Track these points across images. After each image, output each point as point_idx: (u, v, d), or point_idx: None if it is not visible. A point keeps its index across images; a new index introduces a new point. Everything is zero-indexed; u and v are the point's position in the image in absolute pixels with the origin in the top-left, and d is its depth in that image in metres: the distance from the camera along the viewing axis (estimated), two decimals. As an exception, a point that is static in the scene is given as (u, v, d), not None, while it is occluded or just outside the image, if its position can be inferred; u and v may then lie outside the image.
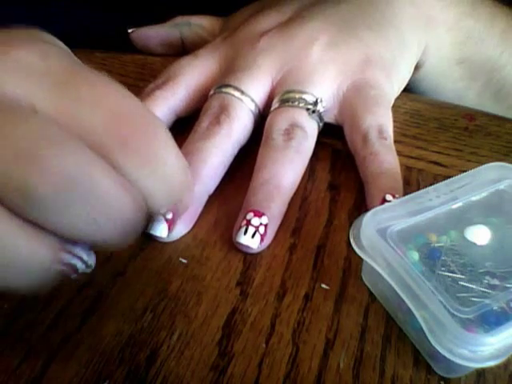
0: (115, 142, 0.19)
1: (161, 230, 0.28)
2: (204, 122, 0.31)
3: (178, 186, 0.22)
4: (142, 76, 0.36)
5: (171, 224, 0.28)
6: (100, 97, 0.20)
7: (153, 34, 0.44)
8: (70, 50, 0.24)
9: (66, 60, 0.21)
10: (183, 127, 0.35)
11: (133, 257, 0.28)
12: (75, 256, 0.21)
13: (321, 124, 0.33)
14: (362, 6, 0.36)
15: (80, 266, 0.21)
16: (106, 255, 0.28)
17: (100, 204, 0.19)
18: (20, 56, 0.20)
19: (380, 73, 0.34)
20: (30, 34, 0.22)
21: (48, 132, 0.18)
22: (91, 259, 0.22)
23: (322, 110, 0.33)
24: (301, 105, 0.32)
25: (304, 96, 0.32)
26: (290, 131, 0.31)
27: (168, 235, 0.28)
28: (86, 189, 0.18)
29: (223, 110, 0.32)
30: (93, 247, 0.22)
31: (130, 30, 0.44)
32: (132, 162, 0.20)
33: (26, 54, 0.20)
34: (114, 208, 0.20)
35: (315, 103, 0.32)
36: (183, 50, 0.44)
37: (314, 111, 0.32)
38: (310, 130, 0.32)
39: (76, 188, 0.18)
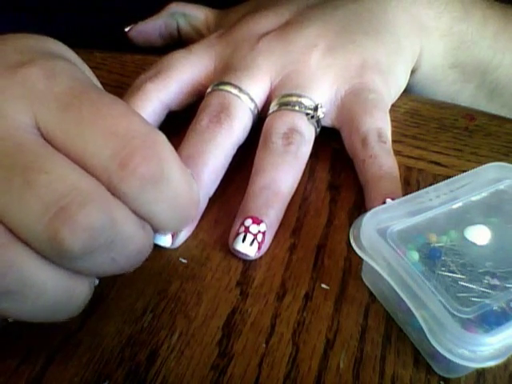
0: (117, 167, 0.19)
1: (165, 240, 0.28)
2: (204, 119, 0.31)
3: (186, 204, 0.22)
4: (141, 76, 0.36)
5: (175, 233, 0.28)
6: (100, 118, 0.20)
7: (151, 28, 0.43)
8: (78, 58, 0.24)
9: (71, 79, 0.21)
10: (180, 124, 0.35)
11: (133, 257, 0.28)
12: None
13: (318, 129, 0.33)
14: (358, 13, 0.36)
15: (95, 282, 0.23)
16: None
17: (121, 248, 0.20)
18: (26, 76, 0.20)
19: (377, 77, 0.34)
20: (41, 49, 0.23)
21: (72, 181, 0.19)
22: None
23: (321, 116, 0.33)
24: (300, 109, 0.32)
25: (303, 100, 0.32)
26: (289, 135, 0.31)
27: (172, 243, 0.28)
28: (111, 238, 0.20)
29: (223, 109, 0.31)
30: None
31: (126, 29, 0.43)
32: (136, 187, 0.20)
33: (32, 74, 0.20)
34: (133, 248, 0.21)
35: (315, 109, 0.32)
36: (180, 40, 0.44)
37: (312, 116, 0.32)
38: (308, 135, 0.32)
39: (102, 239, 0.19)
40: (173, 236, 0.28)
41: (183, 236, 0.29)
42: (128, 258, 0.21)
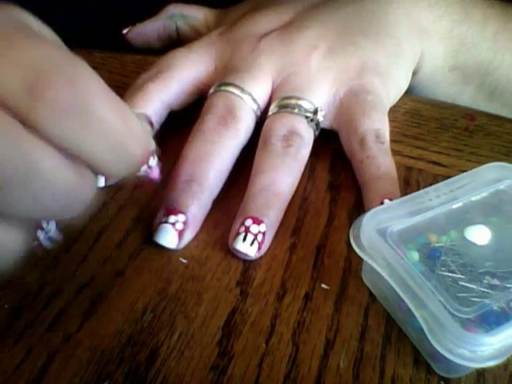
0: (28, 97, 0.18)
1: (170, 241, 0.28)
2: (209, 121, 0.31)
3: (127, 143, 0.20)
4: (142, 76, 0.36)
5: (181, 234, 0.28)
6: (14, 52, 0.18)
7: (150, 30, 0.43)
8: (40, 25, 0.23)
9: (4, 26, 0.19)
10: (180, 124, 0.35)
11: (133, 257, 0.28)
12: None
13: (317, 132, 0.33)
14: (358, 14, 0.36)
15: (43, 235, 0.21)
16: (106, 255, 0.28)
17: (42, 186, 0.19)
18: None
19: (376, 79, 0.34)
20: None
21: None
22: (52, 227, 0.22)
23: (321, 119, 0.33)
24: (299, 111, 0.32)
25: (302, 103, 0.32)
26: (289, 138, 0.31)
27: (177, 245, 0.28)
28: (24, 172, 0.18)
29: (229, 111, 0.31)
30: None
31: (124, 31, 0.43)
32: (51, 118, 0.18)
33: None
34: (60, 188, 0.19)
35: (315, 112, 0.32)
36: (179, 41, 0.44)
37: (312, 120, 0.32)
38: (308, 137, 0.32)
39: (11, 172, 0.18)
40: (179, 236, 0.28)
41: (188, 237, 0.29)
42: (55, 200, 0.19)
